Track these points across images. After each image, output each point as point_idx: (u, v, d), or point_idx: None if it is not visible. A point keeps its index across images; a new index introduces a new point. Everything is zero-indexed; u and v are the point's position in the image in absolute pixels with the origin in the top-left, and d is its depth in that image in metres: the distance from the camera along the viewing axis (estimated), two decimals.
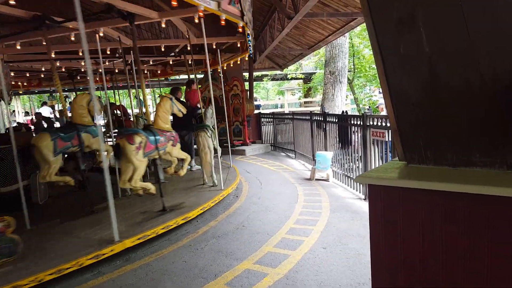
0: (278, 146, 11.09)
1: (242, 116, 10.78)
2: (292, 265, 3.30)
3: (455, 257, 1.45)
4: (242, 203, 5.51)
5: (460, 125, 1.51)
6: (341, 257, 3.41)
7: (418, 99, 1.58)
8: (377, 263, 1.69)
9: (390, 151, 4.73)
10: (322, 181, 6.58)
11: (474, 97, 1.43)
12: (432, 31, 1.42)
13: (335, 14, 8.52)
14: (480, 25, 1.30)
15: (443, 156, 1.61)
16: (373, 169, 1.92)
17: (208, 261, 3.52)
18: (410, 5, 1.43)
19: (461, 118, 1.50)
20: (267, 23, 10.52)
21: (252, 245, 3.83)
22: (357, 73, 17.44)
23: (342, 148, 6.36)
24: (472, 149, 1.51)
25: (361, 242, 3.71)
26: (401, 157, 1.76)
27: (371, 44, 1.60)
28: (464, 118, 1.49)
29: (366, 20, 1.56)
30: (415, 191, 1.51)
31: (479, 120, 1.45)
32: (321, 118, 7.33)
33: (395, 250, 1.61)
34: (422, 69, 1.50)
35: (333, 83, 12.83)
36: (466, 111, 1.47)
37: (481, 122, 1.45)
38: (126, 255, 3.71)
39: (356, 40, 16.99)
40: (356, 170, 5.78)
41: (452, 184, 1.40)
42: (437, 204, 1.47)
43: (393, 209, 1.58)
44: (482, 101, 1.41)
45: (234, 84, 10.76)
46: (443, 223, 1.47)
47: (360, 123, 5.40)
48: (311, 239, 3.89)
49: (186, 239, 4.16)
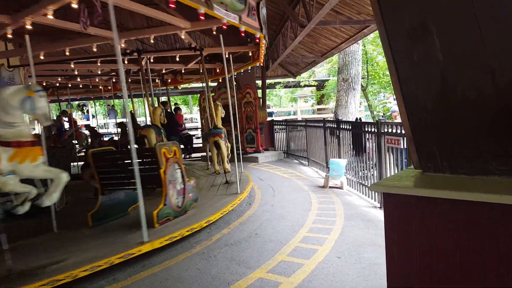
0: (291, 153, 11.06)
1: (255, 124, 10.83)
2: (306, 275, 3.26)
3: (473, 268, 1.42)
4: (255, 210, 5.51)
5: (476, 133, 1.49)
6: (356, 266, 3.35)
7: (432, 107, 1.56)
8: (392, 273, 1.66)
9: (405, 158, 4.66)
10: (336, 188, 6.52)
11: (490, 105, 1.41)
12: (446, 37, 1.41)
13: (348, 21, 8.52)
14: (493, 26, 1.29)
15: (459, 165, 1.59)
16: (388, 177, 1.90)
17: (221, 269, 3.51)
18: (423, 13, 1.43)
19: (477, 126, 1.47)
20: (279, 32, 10.58)
21: (265, 254, 3.81)
22: (371, 80, 17.32)
23: (356, 155, 6.30)
24: (489, 158, 1.49)
25: (377, 251, 3.64)
26: (416, 165, 1.74)
27: (384, 52, 1.60)
28: (480, 126, 1.47)
29: (379, 28, 1.56)
30: (431, 200, 1.48)
31: (496, 128, 1.43)
32: (334, 125, 7.29)
33: (410, 260, 1.58)
34: (436, 76, 1.49)
35: (346, 90, 12.77)
36: (482, 119, 1.45)
37: (497, 130, 1.42)
38: (142, 262, 3.74)
39: (370, 47, 16.91)
40: (371, 178, 5.71)
41: (469, 193, 1.37)
42: (454, 213, 1.44)
43: (409, 218, 1.56)
44: (498, 109, 1.39)
45: (247, 92, 10.84)
46: (460, 232, 1.44)
47: (375, 130, 5.35)
48: (325, 248, 3.84)
49: (199, 246, 4.18)
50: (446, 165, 1.62)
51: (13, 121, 3.28)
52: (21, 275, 3.11)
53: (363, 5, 7.69)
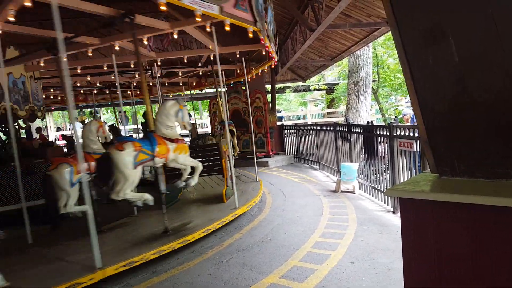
0: (302, 157, 11.01)
1: (265, 128, 10.83)
2: (318, 280, 3.22)
3: (493, 273, 1.38)
4: (266, 215, 5.48)
5: (494, 136, 1.45)
6: (370, 272, 3.30)
7: (449, 110, 1.53)
8: (409, 280, 1.63)
9: (419, 162, 4.59)
10: (348, 193, 6.45)
11: (509, 107, 1.37)
12: (461, 40, 1.39)
13: (358, 24, 8.46)
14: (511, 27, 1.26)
15: (477, 168, 1.55)
16: (404, 182, 1.87)
17: (233, 274, 3.50)
18: (438, 14, 1.41)
19: (496, 129, 1.44)
20: (289, 36, 10.58)
21: (277, 259, 3.78)
22: (382, 83, 17.15)
23: (368, 159, 6.23)
24: (509, 161, 1.45)
25: (391, 256, 3.59)
26: (432, 169, 1.71)
27: (398, 55, 1.58)
28: (498, 129, 1.43)
29: (392, 31, 1.54)
30: (449, 205, 1.45)
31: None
32: (345, 128, 7.24)
33: (428, 265, 1.54)
34: (453, 78, 1.46)
35: (357, 93, 12.67)
36: (500, 122, 1.41)
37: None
38: (153, 267, 3.76)
39: (380, 49, 16.77)
40: (384, 182, 5.64)
41: (489, 197, 1.34)
42: (472, 218, 1.41)
43: (426, 223, 1.52)
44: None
45: (257, 97, 10.86)
46: (479, 238, 1.40)
47: (387, 134, 5.29)
48: (338, 253, 3.80)
49: (211, 251, 4.17)
50: (463, 168, 1.58)
51: (172, 125, 4.50)
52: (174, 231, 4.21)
53: (373, 8, 7.64)
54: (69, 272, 3.31)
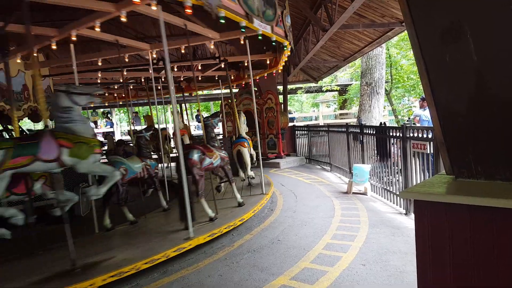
0: (313, 158, 10.95)
1: (276, 129, 10.80)
2: (330, 282, 3.19)
3: (510, 278, 1.34)
4: (277, 216, 5.46)
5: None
6: (382, 274, 3.25)
7: (466, 110, 1.49)
8: (424, 283, 1.59)
9: (432, 163, 4.51)
10: (359, 194, 6.38)
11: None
12: (480, 38, 1.35)
13: (371, 25, 8.37)
14: None
15: (495, 170, 1.51)
16: (418, 184, 1.83)
17: (244, 275, 3.49)
18: (455, 13, 1.37)
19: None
20: (301, 36, 10.55)
21: (288, 260, 3.76)
22: (395, 84, 16.95)
23: (381, 160, 6.15)
24: None
25: (403, 259, 3.53)
26: (448, 171, 1.67)
27: (414, 54, 1.55)
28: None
29: (408, 30, 1.51)
30: (465, 207, 1.41)
31: None
32: (357, 130, 7.16)
33: (444, 269, 1.51)
34: (470, 79, 1.43)
35: (369, 94, 12.55)
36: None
37: None
38: (163, 268, 3.77)
39: (393, 50, 16.57)
40: (396, 184, 5.56)
41: (508, 200, 1.30)
42: (490, 221, 1.37)
43: (442, 226, 1.49)
44: None
45: (268, 98, 10.84)
46: (496, 241, 1.36)
47: (400, 135, 5.21)
48: (349, 255, 3.76)
49: (221, 252, 4.17)
50: (480, 170, 1.54)
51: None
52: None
53: (387, 8, 7.54)
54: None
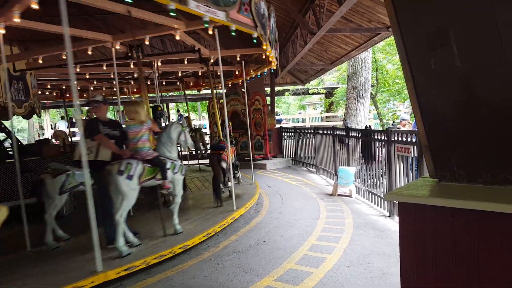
0: (300, 160, 11.01)
1: (263, 131, 10.82)
2: (314, 283, 3.21)
3: (491, 279, 1.37)
4: (263, 217, 5.47)
5: (495, 142, 1.45)
6: (366, 276, 3.29)
7: (450, 115, 1.53)
8: (407, 284, 1.62)
9: (416, 167, 4.59)
10: (344, 196, 6.45)
11: (510, 112, 1.37)
12: (464, 44, 1.38)
13: (358, 29, 8.49)
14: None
15: (477, 174, 1.55)
16: (403, 186, 1.87)
17: (229, 276, 3.48)
18: (440, 19, 1.41)
19: (497, 135, 1.44)
20: (289, 39, 10.60)
21: (273, 261, 3.77)
22: (380, 88, 17.20)
23: (366, 163, 6.23)
24: (509, 167, 1.44)
25: (387, 261, 3.58)
26: (432, 174, 1.70)
27: (400, 59, 1.58)
28: (499, 134, 1.43)
29: (394, 34, 1.54)
30: (447, 210, 1.45)
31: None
32: (343, 133, 7.24)
33: (426, 270, 1.54)
34: (454, 84, 1.46)
35: (355, 98, 12.70)
36: (502, 127, 1.41)
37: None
38: (147, 268, 3.72)
39: (379, 55, 16.82)
40: (380, 186, 5.64)
41: (488, 203, 1.34)
42: (471, 223, 1.40)
43: (425, 228, 1.52)
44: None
45: (256, 99, 10.86)
46: (477, 243, 1.39)
47: (385, 138, 5.29)
48: (334, 256, 3.79)
49: (207, 253, 4.15)
50: (463, 174, 1.58)
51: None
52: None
53: (374, 13, 7.67)
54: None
